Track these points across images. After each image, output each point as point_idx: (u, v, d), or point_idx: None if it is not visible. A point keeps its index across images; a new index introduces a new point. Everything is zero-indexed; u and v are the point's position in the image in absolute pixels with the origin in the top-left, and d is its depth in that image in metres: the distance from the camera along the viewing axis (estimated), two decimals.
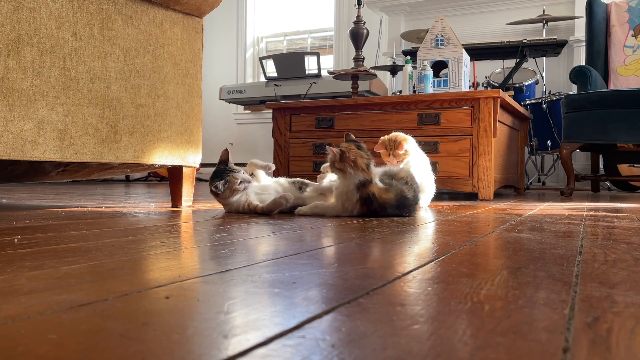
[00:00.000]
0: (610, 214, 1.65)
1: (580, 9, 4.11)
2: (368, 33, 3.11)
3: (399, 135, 1.80)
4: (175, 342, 0.37)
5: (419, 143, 1.92)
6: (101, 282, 0.56)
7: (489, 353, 0.36)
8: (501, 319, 0.44)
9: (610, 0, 3.57)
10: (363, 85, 4.27)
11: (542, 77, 4.07)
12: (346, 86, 4.41)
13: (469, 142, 2.45)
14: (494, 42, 3.59)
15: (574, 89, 4.04)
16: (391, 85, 4.83)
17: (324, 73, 4.68)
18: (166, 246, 0.83)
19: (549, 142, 3.71)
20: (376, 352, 0.36)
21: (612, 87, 3.36)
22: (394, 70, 3.90)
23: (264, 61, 4.92)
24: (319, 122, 2.81)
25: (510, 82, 3.79)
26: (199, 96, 1.76)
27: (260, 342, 0.37)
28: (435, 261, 0.72)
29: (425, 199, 1.87)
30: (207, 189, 1.60)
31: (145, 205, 1.82)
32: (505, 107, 2.69)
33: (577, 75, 3.11)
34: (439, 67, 2.88)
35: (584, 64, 3.78)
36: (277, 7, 6.02)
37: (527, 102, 3.73)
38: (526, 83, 3.84)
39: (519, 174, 3.24)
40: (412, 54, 3.70)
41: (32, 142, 1.29)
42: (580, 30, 4.16)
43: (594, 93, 2.87)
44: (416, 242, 0.93)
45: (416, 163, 1.81)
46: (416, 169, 1.74)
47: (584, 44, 3.64)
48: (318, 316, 0.44)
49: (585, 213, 1.66)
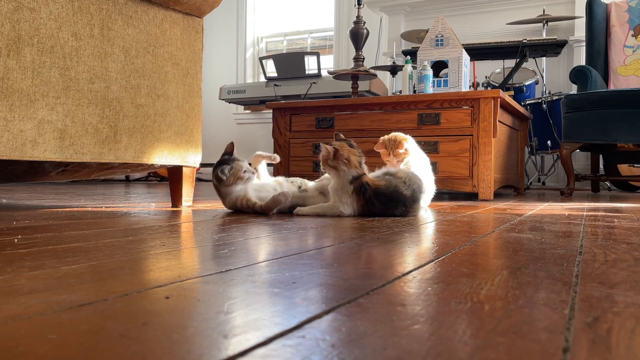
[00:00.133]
0: (610, 214, 1.65)
1: (580, 9, 4.11)
2: (368, 33, 3.11)
3: (399, 135, 1.80)
4: (175, 342, 0.37)
5: (419, 143, 1.92)
6: (101, 282, 0.56)
7: (489, 353, 0.36)
8: (501, 319, 0.44)
9: (610, 0, 3.57)
10: (363, 85, 4.27)
11: (542, 77, 4.07)
12: (346, 86, 4.41)
13: (469, 142, 2.45)
14: (494, 42, 3.59)
15: (574, 89, 4.04)
16: (391, 85, 4.83)
17: (324, 73, 4.68)
18: (166, 246, 0.83)
19: (549, 142, 3.71)
20: (376, 352, 0.36)
21: (612, 87, 3.36)
22: (394, 70, 3.90)
23: (264, 61, 4.92)
24: (319, 122, 2.81)
25: (510, 82, 3.79)
26: (199, 96, 1.76)
27: (260, 342, 0.37)
28: (435, 261, 0.72)
29: (425, 199, 1.86)
30: (208, 189, 1.60)
31: (145, 205, 1.82)
32: (505, 107, 2.69)
33: (577, 75, 3.11)
34: (439, 67, 2.88)
35: (584, 64, 3.78)
36: (277, 7, 6.02)
37: (527, 102, 3.73)
38: (526, 83, 3.84)
39: (519, 174, 3.24)
40: (412, 54, 3.70)
41: (32, 142, 1.29)
42: (580, 30, 4.16)
43: (594, 93, 2.87)
44: (416, 242, 0.93)
45: (416, 163, 1.81)
46: (416, 169, 1.74)
47: (584, 44, 3.64)
48: (318, 316, 0.44)
49: (585, 213, 1.66)
